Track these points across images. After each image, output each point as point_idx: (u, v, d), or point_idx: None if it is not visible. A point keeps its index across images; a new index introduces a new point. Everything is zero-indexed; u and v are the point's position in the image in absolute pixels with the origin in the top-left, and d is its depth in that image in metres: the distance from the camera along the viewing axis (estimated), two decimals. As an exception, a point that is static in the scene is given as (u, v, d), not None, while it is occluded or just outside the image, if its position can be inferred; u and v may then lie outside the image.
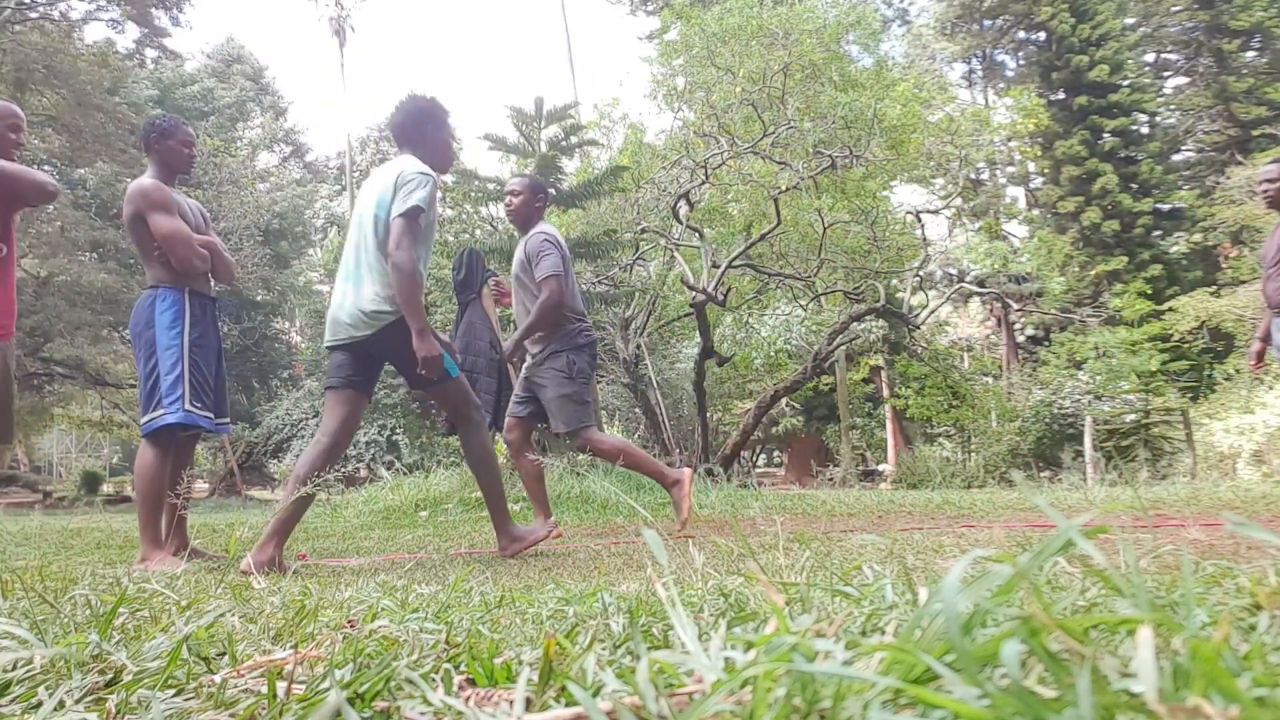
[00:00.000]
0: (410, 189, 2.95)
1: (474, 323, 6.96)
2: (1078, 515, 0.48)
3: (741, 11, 10.09)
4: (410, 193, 2.94)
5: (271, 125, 34.31)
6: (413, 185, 2.96)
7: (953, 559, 1.78)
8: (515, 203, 4.05)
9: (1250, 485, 5.92)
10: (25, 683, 0.67)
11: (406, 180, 2.98)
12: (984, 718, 0.36)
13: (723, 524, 4.37)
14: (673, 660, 0.52)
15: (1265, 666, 0.47)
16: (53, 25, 16.62)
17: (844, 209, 10.23)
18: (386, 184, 3.02)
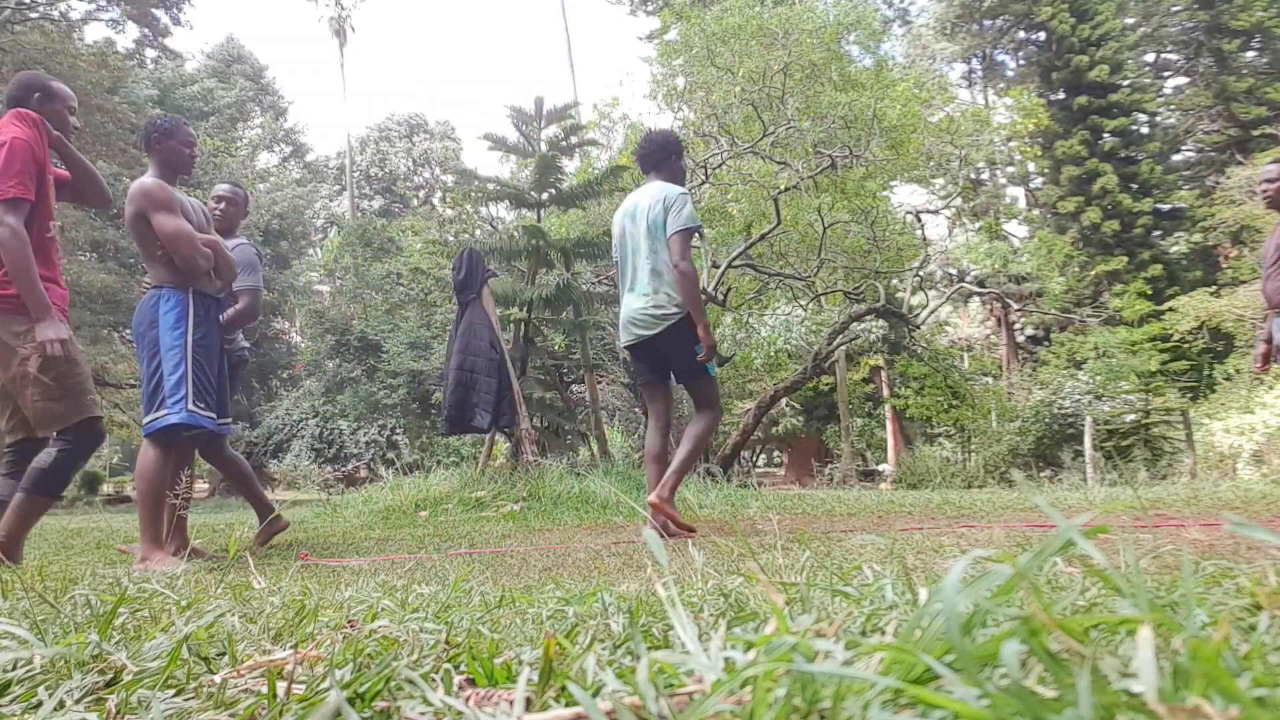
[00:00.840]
0: (679, 208, 3.57)
1: (474, 323, 6.96)
2: (1078, 515, 0.48)
3: (741, 11, 10.09)
4: (680, 211, 3.56)
5: (271, 125, 34.32)
6: (680, 205, 3.57)
7: (953, 559, 1.78)
8: None
9: (1250, 485, 5.92)
10: (25, 683, 0.67)
11: (673, 202, 3.58)
12: (984, 718, 0.36)
13: (723, 524, 4.37)
14: (673, 660, 0.52)
15: (1265, 666, 0.47)
16: (53, 25, 16.63)
17: (844, 209, 10.23)
18: (654, 206, 3.62)
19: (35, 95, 2.97)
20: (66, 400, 2.77)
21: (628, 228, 3.74)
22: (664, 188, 3.67)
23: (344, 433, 16.99)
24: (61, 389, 2.76)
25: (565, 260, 8.47)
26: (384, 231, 21.27)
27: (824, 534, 2.95)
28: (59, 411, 2.76)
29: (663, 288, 3.60)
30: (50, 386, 2.74)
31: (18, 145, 2.78)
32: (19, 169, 2.75)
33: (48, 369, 2.75)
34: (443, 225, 18.66)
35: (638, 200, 3.73)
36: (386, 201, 37.26)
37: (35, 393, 2.74)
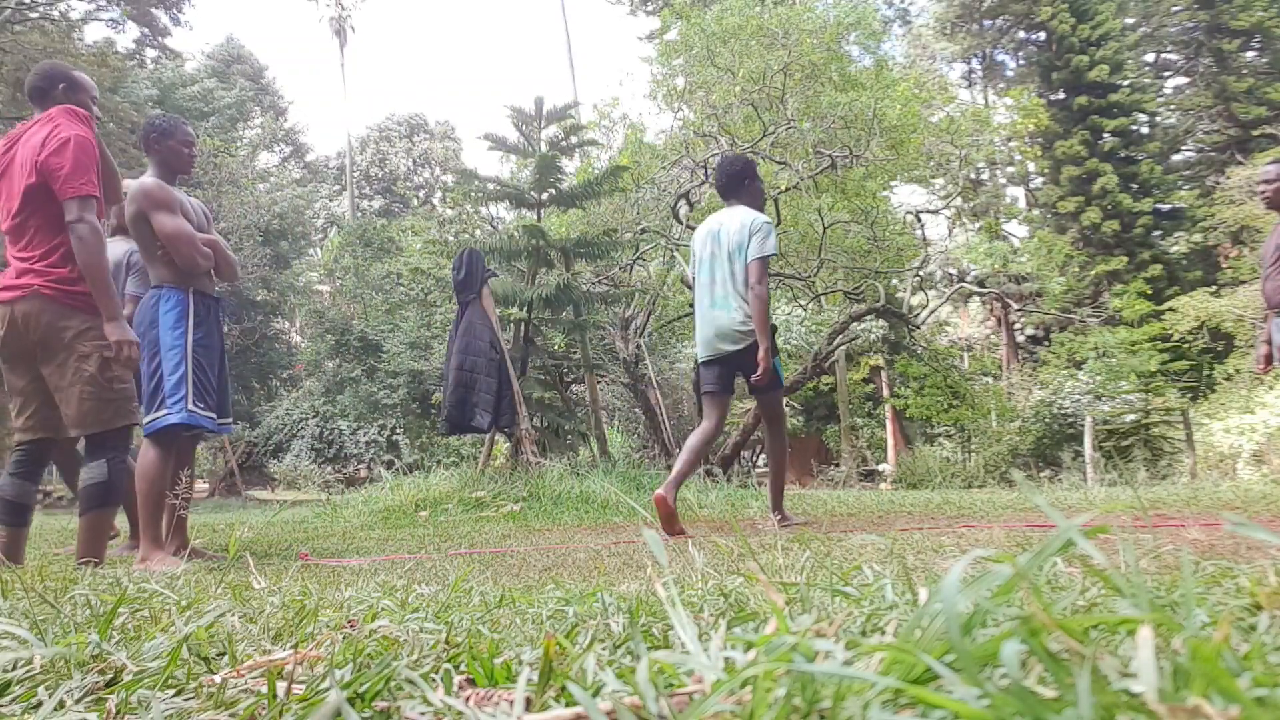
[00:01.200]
0: (763, 237, 3.86)
1: (474, 323, 6.96)
2: (1078, 515, 0.48)
3: (741, 11, 10.09)
4: (764, 240, 3.85)
5: (271, 125, 34.31)
6: (764, 233, 3.87)
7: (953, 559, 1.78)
8: None
9: (1250, 485, 5.92)
10: (25, 683, 0.67)
11: (758, 229, 3.87)
12: (984, 718, 0.36)
13: (723, 524, 4.37)
14: (673, 660, 0.52)
15: (1265, 666, 0.47)
16: (52, 25, 16.62)
17: (844, 209, 10.22)
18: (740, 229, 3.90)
19: (60, 86, 2.92)
20: (116, 404, 2.75)
21: (712, 249, 4.01)
22: (748, 214, 3.96)
23: (344, 433, 16.99)
24: (114, 392, 2.74)
25: (565, 260, 8.47)
26: (384, 231, 21.26)
27: (824, 534, 2.95)
28: (106, 415, 2.74)
29: (745, 307, 3.91)
30: (104, 388, 2.72)
31: (84, 143, 2.74)
32: (87, 165, 2.72)
33: (106, 370, 2.73)
34: (443, 225, 18.65)
35: (722, 222, 4.01)
36: (386, 201, 37.26)
37: (87, 392, 2.71)
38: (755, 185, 4.13)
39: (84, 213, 2.67)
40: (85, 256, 2.68)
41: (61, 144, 2.69)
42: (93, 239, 2.68)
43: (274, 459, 17.64)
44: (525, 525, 5.05)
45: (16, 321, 2.73)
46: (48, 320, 2.71)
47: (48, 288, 2.72)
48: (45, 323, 2.70)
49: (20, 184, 2.74)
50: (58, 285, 2.72)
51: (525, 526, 4.96)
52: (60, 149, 2.69)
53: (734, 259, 3.92)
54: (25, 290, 2.72)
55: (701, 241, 4.09)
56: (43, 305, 2.71)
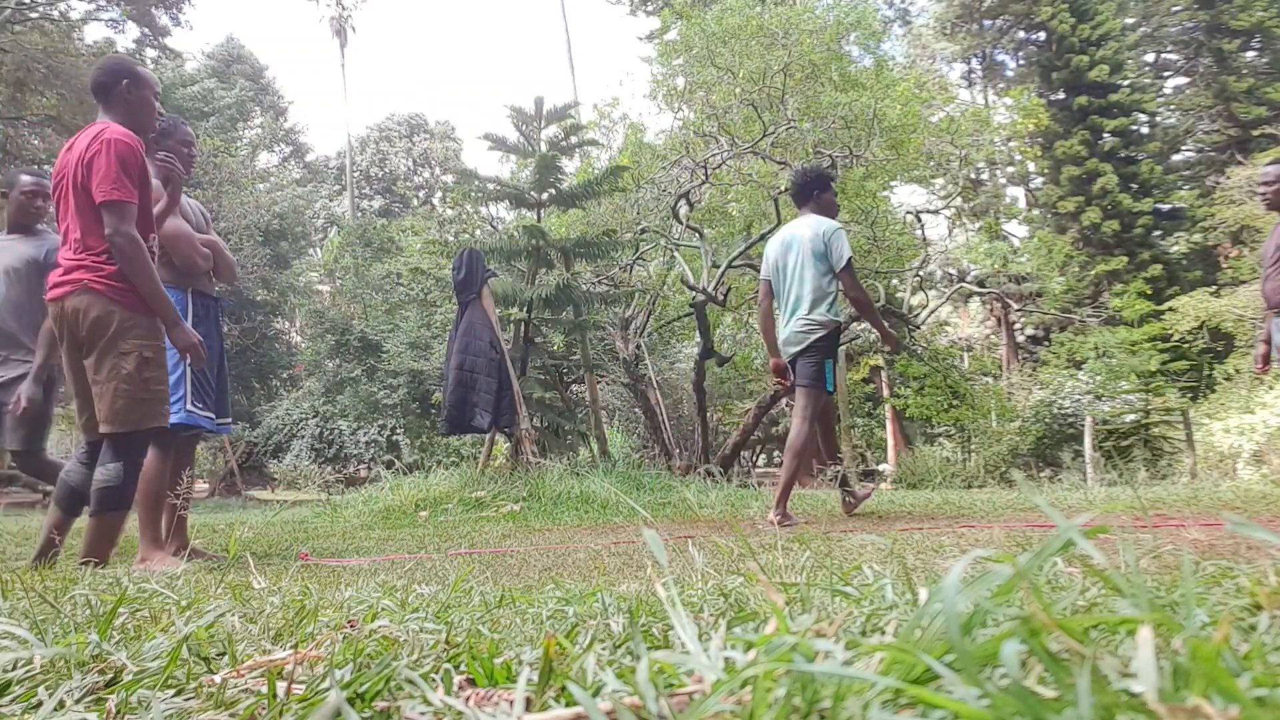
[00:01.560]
0: (837, 245, 4.08)
1: (474, 323, 6.96)
2: (1078, 515, 0.48)
3: (741, 11, 10.09)
4: (839, 247, 4.08)
5: (271, 125, 34.30)
6: (838, 241, 4.09)
7: (953, 559, 1.78)
8: None
9: (1250, 485, 5.92)
10: (25, 683, 0.67)
11: (830, 237, 4.09)
12: (984, 718, 0.36)
13: (723, 524, 4.37)
14: (673, 660, 0.52)
15: (1265, 666, 0.47)
16: (53, 25, 16.61)
17: (844, 209, 10.23)
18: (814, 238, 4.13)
19: (123, 81, 2.92)
20: (147, 405, 2.75)
21: (784, 257, 4.24)
22: (819, 222, 4.17)
23: (344, 433, 16.99)
24: (148, 392, 2.74)
25: (565, 260, 8.47)
26: (384, 231, 21.26)
27: (824, 534, 2.95)
28: (135, 415, 2.73)
29: (811, 311, 4.14)
30: (138, 387, 2.72)
31: (126, 148, 2.75)
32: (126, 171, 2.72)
33: (144, 370, 2.73)
34: (443, 225, 18.65)
35: (794, 232, 4.24)
36: (386, 201, 37.26)
37: (121, 389, 2.71)
38: (826, 196, 4.32)
39: (120, 223, 2.68)
40: (126, 266, 2.69)
41: (105, 145, 2.71)
42: (130, 248, 2.69)
43: (274, 459, 17.64)
44: (525, 525, 5.05)
45: (67, 317, 2.76)
46: (95, 314, 2.72)
47: (97, 282, 2.73)
48: (92, 317, 2.72)
49: (75, 186, 2.77)
50: (107, 280, 2.73)
51: (525, 526, 4.96)
52: (103, 150, 2.70)
53: (804, 266, 4.13)
54: (75, 285, 2.74)
55: (775, 249, 4.32)
56: (91, 299, 2.72)
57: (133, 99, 2.91)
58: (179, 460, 3.21)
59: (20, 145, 16.80)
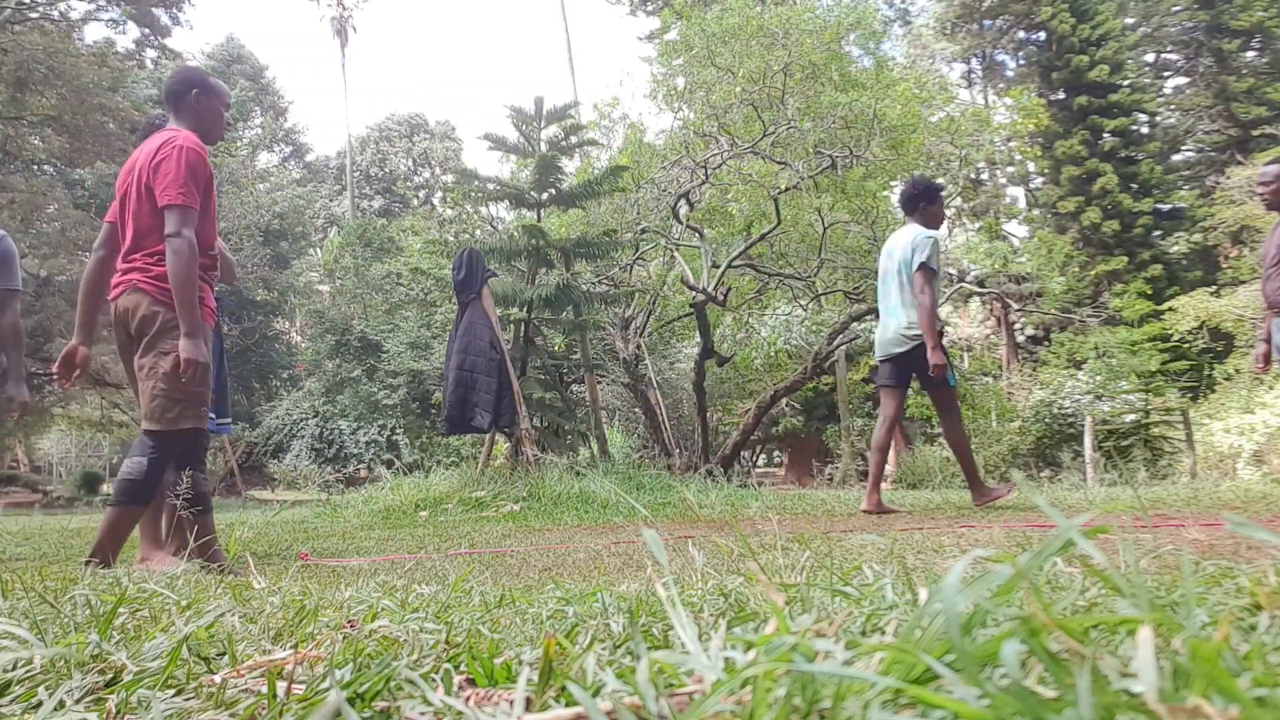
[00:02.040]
0: (923, 250, 4.36)
1: (474, 323, 6.96)
2: (1078, 515, 0.48)
3: (741, 11, 10.09)
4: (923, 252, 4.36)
5: (271, 125, 34.31)
6: (923, 248, 4.37)
7: (953, 559, 1.78)
8: None
9: (1250, 485, 5.92)
10: (25, 683, 0.67)
11: (920, 244, 4.39)
12: (984, 718, 0.36)
13: (723, 524, 4.37)
14: (673, 660, 0.52)
15: (1265, 666, 0.47)
16: (53, 25, 16.62)
17: (844, 209, 10.22)
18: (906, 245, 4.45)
19: (194, 90, 2.98)
20: (183, 405, 2.77)
21: (886, 263, 4.57)
22: (917, 232, 4.47)
23: (344, 433, 16.99)
24: (185, 393, 2.77)
25: (565, 260, 8.47)
26: (384, 231, 21.26)
27: (824, 534, 2.95)
28: (171, 414, 2.76)
29: (910, 314, 4.44)
30: (177, 387, 2.75)
31: (195, 156, 2.79)
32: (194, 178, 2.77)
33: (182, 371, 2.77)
34: (443, 225, 18.66)
35: (897, 239, 4.58)
36: (386, 201, 37.26)
37: (159, 389, 2.75)
38: (931, 209, 4.61)
39: (181, 226, 2.73)
40: (174, 267, 2.72)
41: (174, 150, 2.75)
42: (185, 251, 2.73)
43: (274, 459, 17.64)
44: (525, 525, 5.05)
45: (119, 315, 2.84)
46: (142, 313, 2.79)
47: (146, 283, 2.79)
48: (140, 315, 2.79)
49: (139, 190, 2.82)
50: (155, 282, 2.79)
51: (525, 526, 4.96)
52: (172, 155, 2.75)
53: (901, 272, 4.44)
54: (127, 285, 2.81)
55: (881, 256, 4.72)
56: (139, 299, 2.79)
57: (201, 108, 2.98)
58: (179, 460, 3.21)
59: (20, 145, 16.80)
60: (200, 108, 2.98)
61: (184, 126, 2.94)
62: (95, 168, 18.39)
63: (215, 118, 3.04)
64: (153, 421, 2.77)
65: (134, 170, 2.84)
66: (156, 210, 2.77)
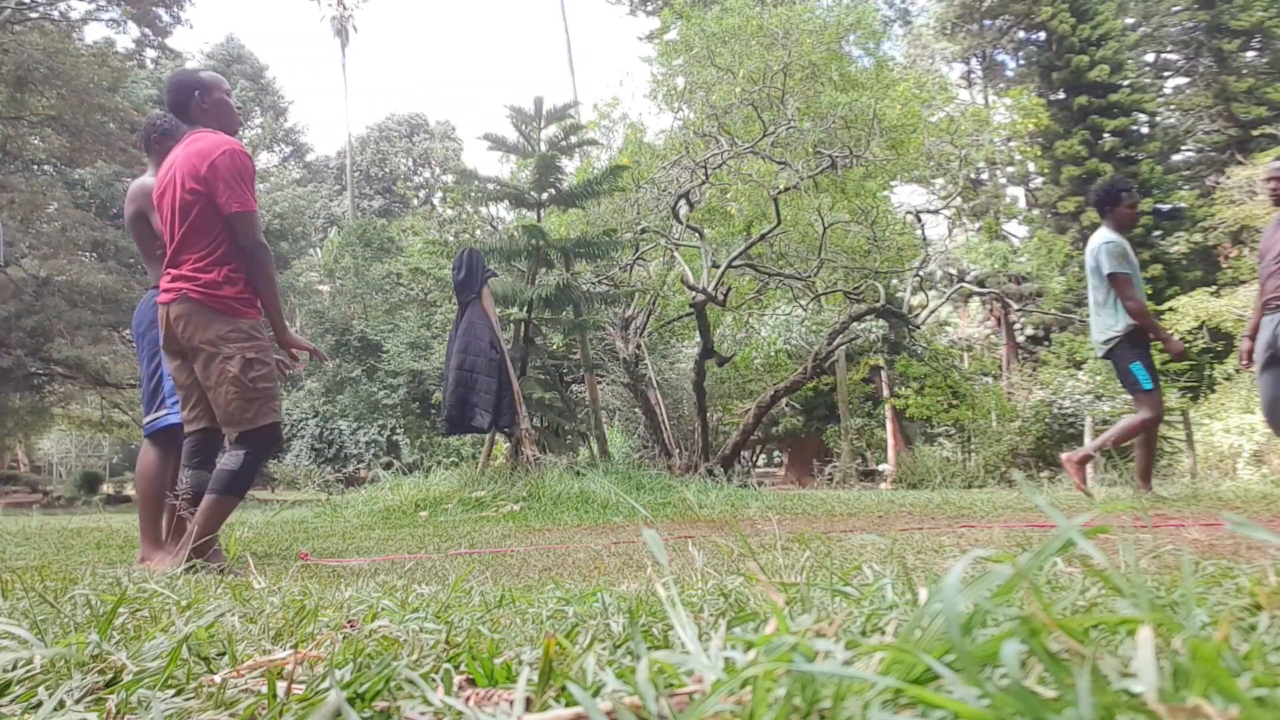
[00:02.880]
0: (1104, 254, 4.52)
1: (474, 323, 6.96)
2: (1078, 515, 0.48)
3: (741, 11, 10.09)
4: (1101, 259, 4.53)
5: (271, 125, 34.31)
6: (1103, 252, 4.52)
7: (953, 559, 1.78)
8: None
9: (1250, 485, 5.92)
10: (25, 683, 0.67)
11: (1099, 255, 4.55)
12: (984, 718, 0.36)
13: (723, 524, 4.37)
14: (673, 660, 0.52)
15: (1265, 666, 0.47)
16: (53, 25, 16.62)
17: (844, 209, 10.22)
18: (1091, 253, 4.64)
19: (195, 93, 2.94)
20: (258, 403, 2.81)
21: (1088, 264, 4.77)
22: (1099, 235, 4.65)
23: (344, 433, 16.99)
24: (256, 391, 2.80)
25: (565, 260, 8.47)
26: (384, 231, 21.26)
27: (824, 534, 2.95)
28: (250, 413, 2.79)
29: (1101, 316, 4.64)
30: (247, 388, 2.78)
31: (240, 155, 2.80)
32: (248, 178, 2.79)
33: (248, 371, 2.79)
34: (443, 225, 18.66)
35: (1089, 244, 4.75)
36: (386, 201, 37.26)
37: (231, 392, 2.78)
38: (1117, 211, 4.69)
39: (253, 231, 2.80)
40: (256, 272, 2.81)
41: (226, 155, 2.76)
42: (262, 255, 2.82)
43: (274, 459, 17.63)
44: (525, 525, 5.05)
45: (170, 322, 2.85)
46: (195, 323, 2.80)
47: (195, 292, 2.79)
48: (193, 325, 2.80)
49: (178, 197, 2.81)
50: (205, 290, 2.79)
51: (525, 526, 4.96)
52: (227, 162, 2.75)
53: (1091, 276, 4.65)
54: (176, 294, 2.82)
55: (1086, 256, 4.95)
56: (191, 309, 2.80)
57: (209, 106, 2.94)
58: (179, 460, 3.21)
59: (20, 145, 16.80)
60: (208, 106, 2.94)
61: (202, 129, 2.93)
62: (95, 168, 18.39)
63: (225, 109, 2.99)
64: (232, 425, 2.81)
65: (176, 175, 2.82)
66: (204, 215, 2.77)
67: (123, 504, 17.40)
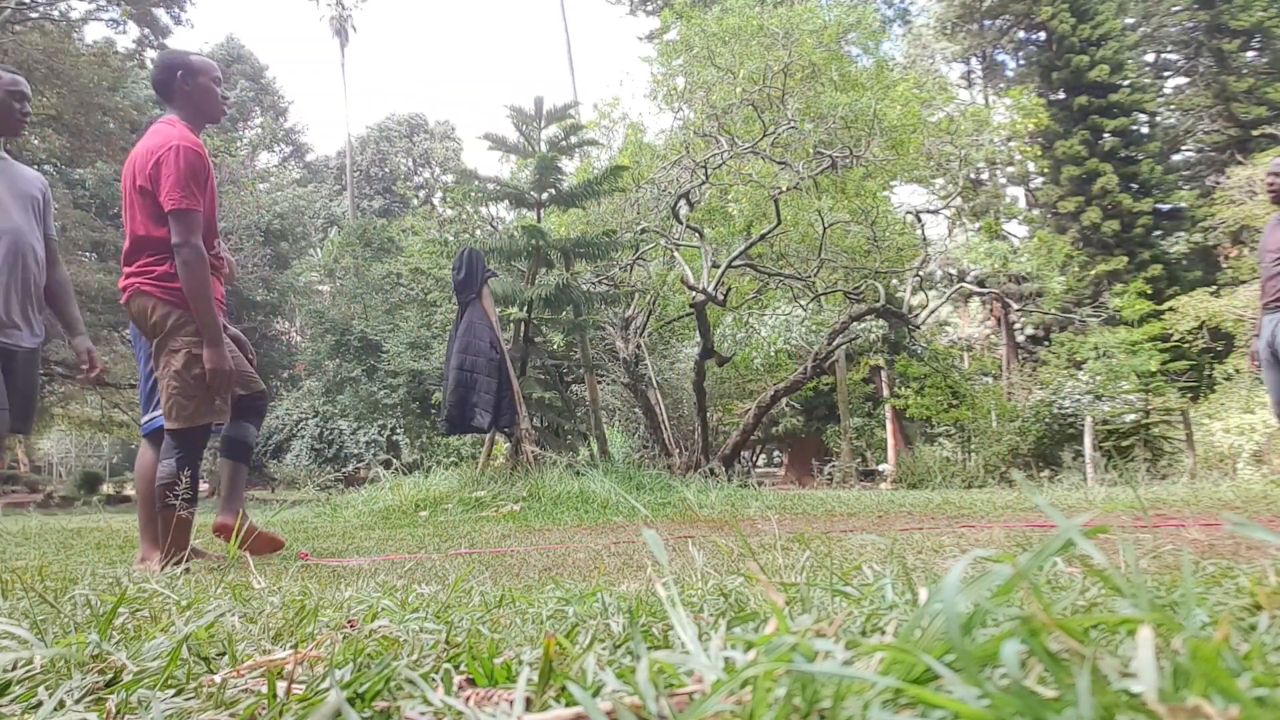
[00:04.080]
0: None
1: (474, 323, 6.96)
2: (1078, 515, 0.48)
3: (741, 12, 10.09)
4: None
5: (271, 125, 34.31)
6: None
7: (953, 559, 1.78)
8: None
9: (1250, 485, 5.92)
10: (25, 683, 0.67)
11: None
12: (984, 718, 0.36)
13: (723, 524, 4.37)
14: (673, 660, 0.52)
15: (1265, 666, 0.47)
16: (53, 25, 16.62)
17: (844, 209, 10.22)
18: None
19: (179, 74, 2.87)
20: (198, 401, 2.77)
21: None
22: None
23: (344, 433, 16.99)
24: (197, 389, 2.77)
25: (565, 260, 8.47)
26: (384, 231, 21.26)
27: (824, 534, 2.95)
28: (187, 411, 2.76)
29: None
30: (187, 384, 2.76)
31: (191, 152, 2.73)
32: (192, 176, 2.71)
33: (190, 368, 2.76)
34: (443, 225, 18.66)
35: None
36: (386, 201, 37.26)
37: (173, 386, 2.75)
38: None
39: (189, 234, 2.70)
40: (187, 280, 2.71)
41: (174, 152, 2.70)
42: (195, 261, 2.71)
43: (274, 459, 17.65)
44: (525, 525, 5.05)
45: (134, 316, 2.85)
46: (153, 316, 2.79)
47: (148, 284, 2.77)
48: (151, 318, 2.79)
49: (130, 191, 2.79)
50: (157, 281, 2.76)
51: (525, 526, 4.96)
52: (172, 157, 2.69)
53: None
54: (130, 290, 2.80)
55: None
56: (144, 301, 2.78)
57: (191, 90, 2.88)
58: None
59: (20, 145, 16.78)
60: (190, 89, 2.88)
61: (179, 115, 2.88)
62: (95, 168, 18.39)
63: (208, 95, 2.92)
64: (171, 420, 2.76)
65: (131, 170, 2.80)
66: (154, 212, 2.74)
67: (122, 504, 17.40)
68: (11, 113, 3.03)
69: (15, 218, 2.94)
